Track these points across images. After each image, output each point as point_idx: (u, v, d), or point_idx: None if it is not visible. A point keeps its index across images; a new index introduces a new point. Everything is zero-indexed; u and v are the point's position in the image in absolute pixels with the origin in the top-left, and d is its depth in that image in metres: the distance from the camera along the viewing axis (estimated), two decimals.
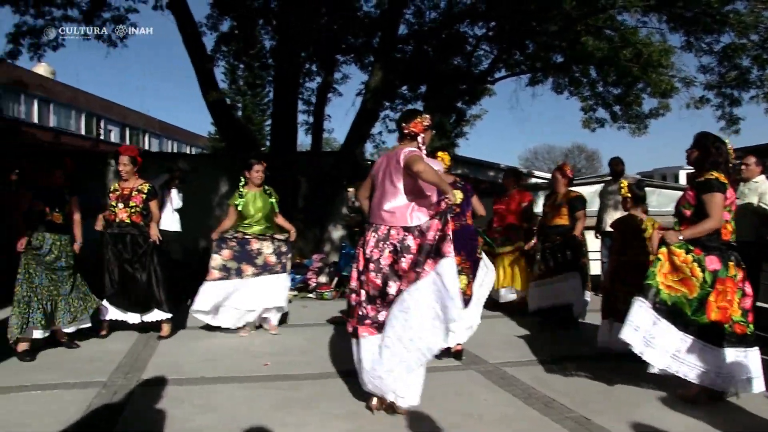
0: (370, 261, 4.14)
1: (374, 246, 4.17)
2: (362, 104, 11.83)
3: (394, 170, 4.19)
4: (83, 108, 35.39)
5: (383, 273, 4.10)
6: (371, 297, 4.14)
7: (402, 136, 4.41)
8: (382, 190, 4.28)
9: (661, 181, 31.77)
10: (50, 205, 5.74)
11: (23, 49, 12.11)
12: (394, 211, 4.17)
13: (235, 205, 6.62)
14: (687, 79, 12.36)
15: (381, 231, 4.19)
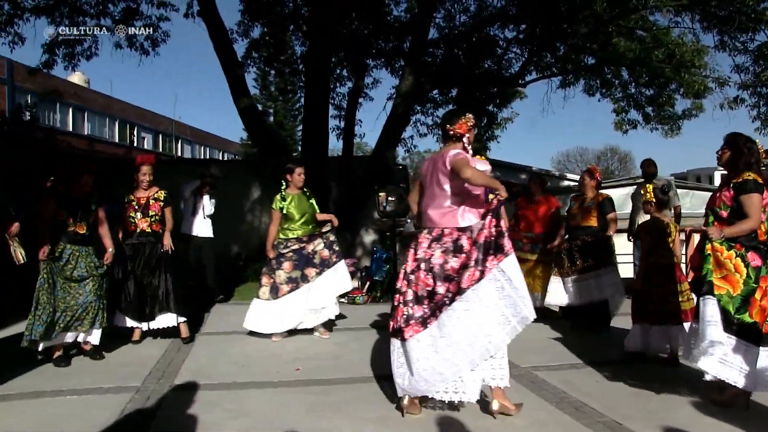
0: (422, 261, 4.16)
1: (427, 247, 4.19)
2: (393, 108, 11.83)
3: (441, 173, 4.20)
4: (117, 116, 35.97)
5: (434, 273, 4.10)
6: (419, 297, 4.14)
7: (446, 137, 4.38)
8: (431, 192, 4.29)
9: (695, 182, 31.24)
10: (74, 215, 5.58)
11: (58, 59, 12.38)
12: (445, 212, 4.19)
13: (279, 209, 6.68)
14: (721, 79, 12.15)
15: (434, 233, 4.21)
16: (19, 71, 24.12)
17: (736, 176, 4.44)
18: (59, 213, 5.50)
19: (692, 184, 25.46)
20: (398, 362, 4.20)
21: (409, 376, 4.09)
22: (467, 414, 4.22)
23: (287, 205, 6.66)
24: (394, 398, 4.43)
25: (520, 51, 14.99)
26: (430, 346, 4.02)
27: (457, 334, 3.96)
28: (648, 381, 4.96)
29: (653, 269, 5.68)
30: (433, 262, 4.11)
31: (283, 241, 6.72)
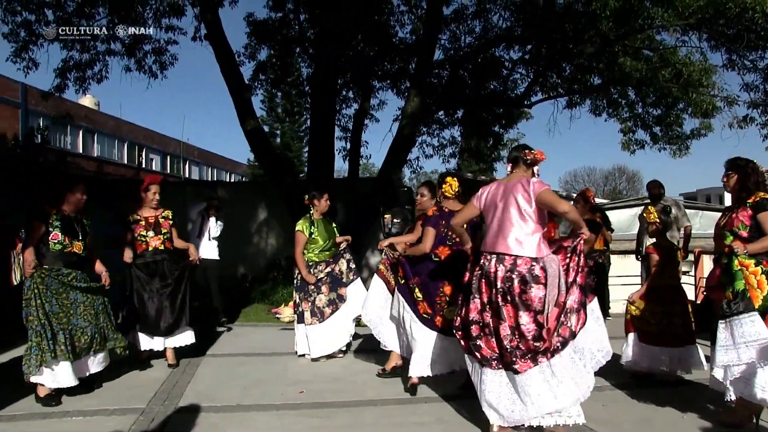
0: (499, 293, 4.15)
1: (503, 277, 4.15)
2: (399, 130, 11.85)
3: (522, 200, 4.21)
4: (126, 137, 36.28)
5: (516, 304, 4.10)
6: (511, 329, 4.12)
7: (516, 164, 4.48)
8: (504, 218, 4.26)
9: (704, 202, 31.10)
10: (69, 234, 5.24)
11: (70, 82, 12.54)
12: (523, 240, 4.17)
13: (309, 234, 6.83)
14: (729, 98, 12.08)
15: (507, 261, 4.17)
16: (33, 95, 24.40)
17: (748, 196, 4.54)
18: (52, 235, 5.14)
19: (701, 204, 25.34)
20: (496, 392, 4.15)
21: (521, 406, 4.08)
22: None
23: (316, 231, 6.85)
24: (399, 421, 4.41)
25: (525, 72, 15.02)
26: (544, 382, 4.04)
27: (567, 373, 4.07)
28: (654, 406, 4.93)
29: (663, 289, 5.75)
30: (514, 293, 4.10)
31: (314, 265, 6.86)
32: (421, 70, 11.99)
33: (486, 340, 4.20)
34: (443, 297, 5.32)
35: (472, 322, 4.28)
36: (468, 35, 14.92)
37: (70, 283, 5.20)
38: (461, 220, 4.67)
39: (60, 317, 5.08)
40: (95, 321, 5.33)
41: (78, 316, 5.20)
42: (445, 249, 5.39)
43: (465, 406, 4.83)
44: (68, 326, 5.11)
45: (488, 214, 4.40)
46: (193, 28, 13.16)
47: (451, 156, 17.07)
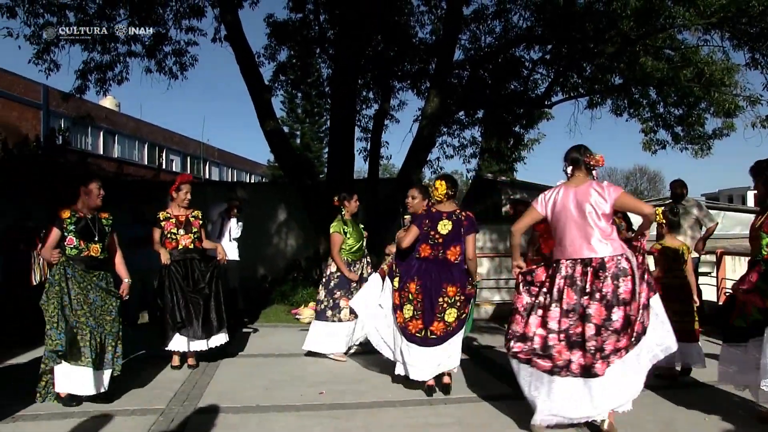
0: (590, 295, 4.18)
1: (593, 279, 4.20)
2: (419, 130, 11.82)
3: (599, 204, 4.28)
4: (146, 138, 36.55)
5: (608, 300, 4.13)
6: (598, 328, 4.13)
7: (577, 166, 4.49)
8: (584, 224, 4.30)
9: (726, 203, 30.77)
10: (85, 237, 5.11)
11: (91, 84, 12.64)
12: (606, 241, 4.25)
13: (344, 234, 6.88)
14: (752, 97, 11.91)
15: (595, 262, 4.22)
16: (54, 96, 24.66)
17: None
18: (68, 240, 5.04)
19: (724, 204, 25.10)
20: (565, 397, 4.15)
21: (590, 407, 4.12)
22: None
23: (349, 231, 6.92)
24: (418, 423, 4.39)
25: (546, 72, 14.91)
26: (616, 380, 4.11)
27: (633, 368, 4.17)
28: (677, 408, 4.88)
29: (670, 289, 5.87)
30: (605, 291, 4.14)
31: (352, 263, 6.99)
32: (441, 71, 11.95)
33: (561, 349, 4.21)
34: (407, 293, 5.41)
35: (551, 331, 4.28)
36: (488, 35, 14.85)
37: (91, 281, 5.10)
38: (523, 226, 4.72)
39: (77, 314, 4.97)
40: (110, 328, 5.16)
41: (92, 319, 5.05)
42: (426, 247, 5.42)
43: (484, 407, 4.80)
44: (85, 326, 4.98)
45: (559, 220, 4.42)
46: (213, 29, 13.21)
47: (471, 156, 17.01)
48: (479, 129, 16.75)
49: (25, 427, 4.52)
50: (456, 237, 5.37)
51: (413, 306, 5.33)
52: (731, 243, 15.48)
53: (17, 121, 25.52)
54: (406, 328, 5.33)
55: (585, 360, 4.11)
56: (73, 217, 5.10)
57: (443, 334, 5.25)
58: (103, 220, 5.30)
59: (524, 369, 4.36)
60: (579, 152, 4.51)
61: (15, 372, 6.26)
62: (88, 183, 5.19)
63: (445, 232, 5.33)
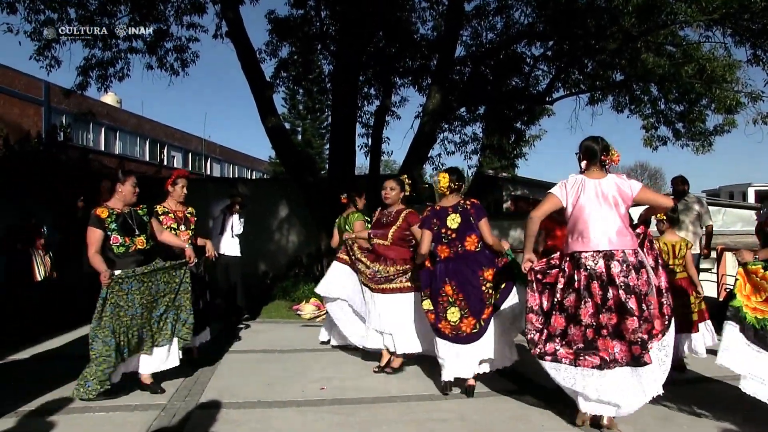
0: (618, 288, 4.17)
1: (618, 272, 4.18)
2: (420, 126, 11.83)
3: (621, 197, 4.31)
4: (147, 135, 36.50)
5: (637, 292, 4.17)
6: (639, 322, 4.14)
7: (593, 161, 4.44)
8: (608, 217, 4.29)
9: (727, 199, 30.73)
10: (128, 234, 5.14)
11: (92, 80, 12.66)
12: (626, 234, 4.29)
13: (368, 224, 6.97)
14: (754, 93, 11.91)
15: (617, 255, 4.23)
16: (55, 93, 24.64)
17: None
18: (112, 239, 5.05)
19: (725, 201, 25.03)
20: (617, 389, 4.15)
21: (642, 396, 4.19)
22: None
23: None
24: (420, 418, 4.39)
25: (547, 68, 14.94)
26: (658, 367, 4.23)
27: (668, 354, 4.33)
28: (678, 402, 4.87)
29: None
30: (632, 283, 4.18)
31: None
32: (442, 67, 11.96)
33: (604, 342, 4.17)
34: (445, 297, 5.20)
35: (587, 327, 4.23)
36: (489, 31, 14.89)
37: (151, 276, 5.16)
38: (542, 213, 4.55)
39: (144, 316, 5.12)
40: (176, 304, 5.40)
41: (161, 306, 5.26)
42: (443, 248, 5.28)
43: (486, 402, 4.81)
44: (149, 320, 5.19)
45: (582, 211, 4.33)
46: (215, 25, 13.29)
47: (472, 152, 17.06)
48: (480, 125, 16.80)
49: (27, 422, 4.53)
50: (468, 227, 5.23)
51: (458, 307, 5.15)
52: (732, 239, 15.47)
53: (19, 118, 25.50)
54: (458, 332, 5.12)
55: (632, 350, 4.10)
56: (112, 215, 5.10)
57: (490, 316, 5.16)
58: (140, 211, 5.34)
59: (566, 369, 4.28)
60: (596, 143, 4.47)
61: (16, 369, 6.27)
62: (125, 180, 5.21)
63: (455, 225, 5.22)
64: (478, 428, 4.29)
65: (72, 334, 7.82)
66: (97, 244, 4.98)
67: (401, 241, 5.97)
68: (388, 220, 6.02)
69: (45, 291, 8.05)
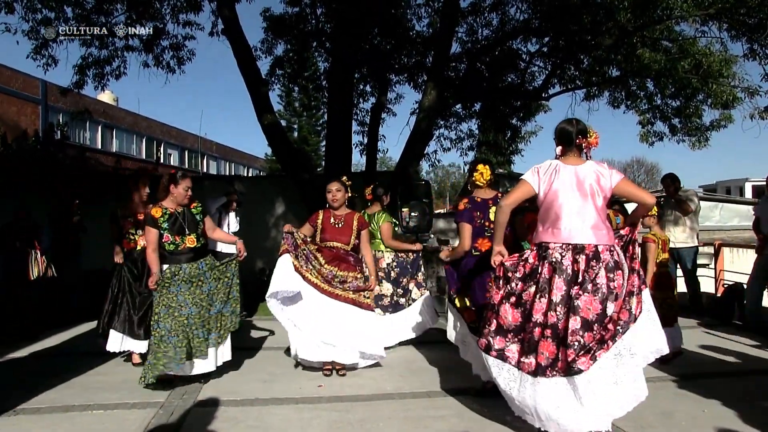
0: (581, 285, 3.81)
1: (585, 268, 3.84)
2: (416, 123, 11.82)
3: (599, 188, 3.96)
4: (144, 133, 36.53)
5: (602, 293, 3.80)
6: (587, 323, 3.77)
7: (569, 146, 4.09)
8: (584, 208, 3.94)
9: (724, 194, 30.77)
10: (179, 233, 5.37)
11: (89, 79, 12.64)
12: (602, 229, 3.93)
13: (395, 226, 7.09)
14: (750, 88, 11.89)
15: (588, 250, 3.86)
16: (52, 91, 24.65)
17: None
18: (164, 237, 5.32)
19: (721, 196, 25.08)
20: (555, 402, 3.76)
21: (584, 413, 3.73)
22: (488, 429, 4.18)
23: None
24: (417, 415, 4.41)
25: (543, 64, 14.93)
26: (610, 377, 3.77)
27: (626, 369, 3.83)
28: (676, 399, 4.89)
29: (658, 278, 6.22)
30: (599, 283, 3.80)
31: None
32: (438, 64, 11.94)
33: (546, 344, 3.83)
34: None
35: (536, 325, 3.89)
36: (485, 28, 14.85)
37: (199, 275, 5.39)
38: (513, 201, 4.15)
39: (201, 314, 5.36)
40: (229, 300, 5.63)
41: (216, 302, 5.51)
42: (484, 241, 4.96)
43: (484, 401, 4.82)
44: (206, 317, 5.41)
45: (555, 200, 3.97)
46: (211, 23, 13.22)
47: (468, 149, 17.04)
48: (476, 122, 16.79)
49: (26, 420, 4.55)
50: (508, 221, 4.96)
51: None
52: (729, 235, 15.48)
53: (16, 116, 25.52)
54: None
55: (569, 356, 3.74)
56: (165, 214, 5.36)
57: None
58: (193, 210, 5.57)
59: (509, 370, 4.01)
60: (571, 125, 4.11)
61: (15, 367, 6.29)
62: (180, 182, 5.41)
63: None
64: (474, 425, 4.30)
65: (70, 332, 7.85)
66: (154, 244, 5.31)
67: (357, 248, 5.94)
68: (341, 224, 5.89)
69: (43, 290, 8.05)
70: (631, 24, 11.01)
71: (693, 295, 8.81)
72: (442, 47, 11.80)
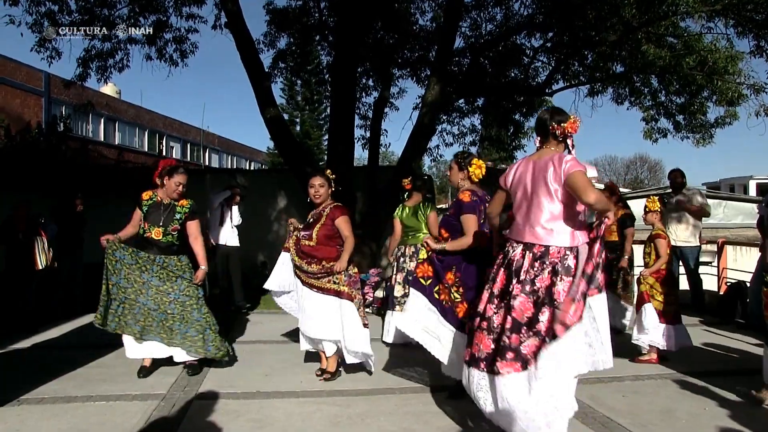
0: (522, 283, 3.64)
1: (529, 267, 3.64)
2: (419, 118, 11.81)
3: (552, 181, 3.63)
4: (146, 125, 36.56)
5: (538, 296, 3.58)
6: (517, 324, 3.59)
7: (546, 137, 3.85)
8: (532, 202, 3.73)
9: (728, 192, 30.71)
10: (151, 221, 5.38)
11: (92, 71, 12.65)
12: (553, 228, 3.64)
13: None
14: (756, 85, 11.85)
15: (536, 249, 3.66)
16: (56, 84, 24.66)
17: None
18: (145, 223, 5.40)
19: (725, 194, 24.99)
20: (483, 395, 3.74)
21: (496, 410, 3.65)
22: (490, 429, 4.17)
23: None
24: (417, 410, 4.40)
25: (547, 59, 14.88)
26: (525, 387, 3.51)
27: (551, 378, 3.48)
28: (676, 397, 4.89)
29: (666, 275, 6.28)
30: (538, 285, 3.59)
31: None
32: (441, 58, 11.92)
33: (481, 336, 3.75)
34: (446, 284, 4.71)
35: (476, 315, 3.89)
36: (489, 23, 14.81)
37: (144, 264, 5.34)
38: (493, 209, 4.18)
39: (127, 291, 5.32)
40: (166, 309, 5.39)
41: (149, 297, 5.35)
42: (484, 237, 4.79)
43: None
44: (135, 303, 5.33)
45: (515, 196, 3.87)
46: (214, 16, 13.23)
47: (471, 144, 17.04)
48: (479, 117, 16.77)
49: (29, 410, 4.56)
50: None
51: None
52: (732, 233, 15.48)
53: (20, 109, 25.56)
54: None
55: (494, 353, 3.64)
56: (151, 200, 5.45)
57: None
58: (178, 207, 5.51)
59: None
60: (548, 115, 3.87)
61: (19, 357, 6.30)
62: (173, 175, 5.44)
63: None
64: (475, 420, 4.30)
65: (71, 324, 7.86)
66: (135, 222, 5.45)
67: (327, 240, 5.41)
68: (314, 219, 5.52)
69: (44, 281, 8.06)
70: (636, 20, 10.97)
71: (695, 293, 8.80)
72: (446, 42, 11.77)
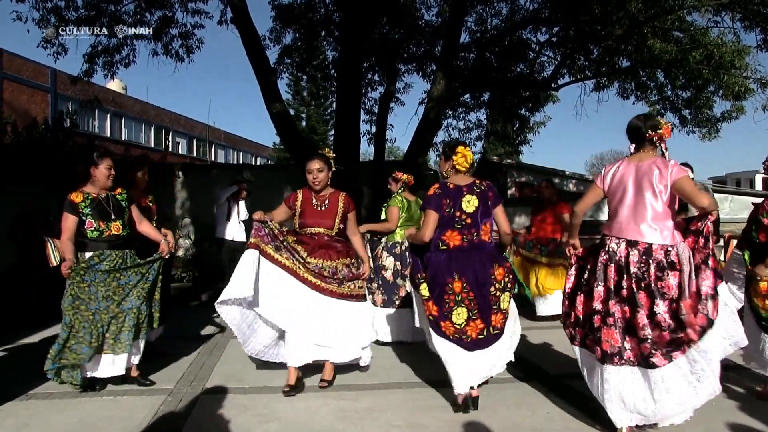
0: (639, 280, 3.85)
1: (637, 262, 3.86)
2: (425, 113, 11.80)
3: (658, 182, 3.89)
4: (153, 121, 36.64)
5: (650, 292, 3.81)
6: (654, 319, 3.79)
7: (641, 142, 4.10)
8: (637, 202, 3.94)
9: (734, 186, 30.61)
10: (103, 218, 4.95)
11: (98, 67, 12.67)
12: (658, 227, 3.87)
13: None
14: (763, 79, 11.80)
15: (641, 246, 3.88)
16: (62, 80, 24.74)
17: None
18: (87, 224, 4.88)
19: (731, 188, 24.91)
20: (622, 390, 3.85)
21: (653, 405, 3.80)
22: (498, 423, 4.19)
23: None
24: (425, 404, 4.41)
25: (552, 54, 14.85)
26: (683, 378, 3.78)
27: (704, 366, 3.79)
28: None
29: None
30: (648, 280, 3.81)
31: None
32: (447, 53, 11.91)
33: (608, 332, 3.88)
34: (452, 295, 4.40)
35: (594, 312, 3.98)
36: (495, 17, 14.80)
37: (119, 267, 4.92)
38: (585, 206, 4.29)
39: (110, 309, 4.82)
40: (148, 297, 5.08)
41: (132, 297, 4.94)
42: (453, 234, 4.47)
43: (490, 390, 4.83)
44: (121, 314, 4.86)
45: (615, 196, 4.07)
46: (219, 12, 13.22)
47: (476, 139, 17.05)
48: (485, 112, 16.75)
49: (38, 404, 4.60)
50: (485, 212, 4.51)
51: (467, 307, 4.37)
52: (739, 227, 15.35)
53: (27, 105, 25.65)
54: (462, 335, 4.38)
55: (641, 348, 3.79)
56: (87, 200, 4.93)
57: (502, 325, 4.51)
58: (118, 197, 5.12)
59: (583, 354, 4.16)
60: (642, 122, 4.12)
61: (28, 352, 6.35)
62: (99, 164, 4.98)
63: (472, 209, 4.44)
64: (482, 415, 4.31)
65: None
66: (70, 231, 4.84)
67: (344, 231, 5.26)
68: (324, 207, 5.21)
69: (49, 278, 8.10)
70: (642, 14, 10.94)
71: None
72: (452, 37, 11.76)
